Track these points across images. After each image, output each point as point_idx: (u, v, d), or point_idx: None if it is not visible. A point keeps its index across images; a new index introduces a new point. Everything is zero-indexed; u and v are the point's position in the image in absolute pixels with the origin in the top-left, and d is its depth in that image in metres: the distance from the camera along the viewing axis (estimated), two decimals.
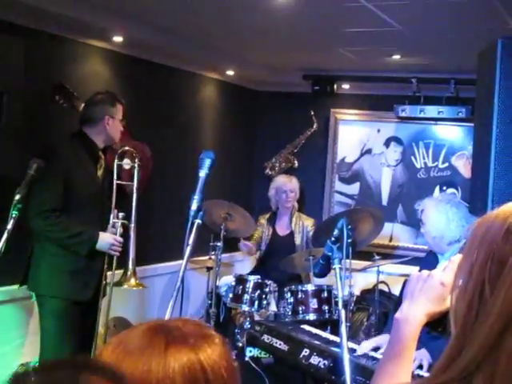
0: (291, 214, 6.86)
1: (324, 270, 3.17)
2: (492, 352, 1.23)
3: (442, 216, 4.20)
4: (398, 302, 5.15)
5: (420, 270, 4.47)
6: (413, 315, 1.57)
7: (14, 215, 3.39)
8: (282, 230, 6.85)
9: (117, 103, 4.47)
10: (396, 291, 6.41)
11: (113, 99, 4.48)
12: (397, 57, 6.16)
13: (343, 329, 2.64)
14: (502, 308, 1.23)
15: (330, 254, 3.00)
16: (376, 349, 4.13)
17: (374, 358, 4.04)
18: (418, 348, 3.94)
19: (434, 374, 1.32)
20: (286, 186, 6.81)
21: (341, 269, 2.86)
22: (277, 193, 6.85)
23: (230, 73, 7.03)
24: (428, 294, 1.57)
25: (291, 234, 6.78)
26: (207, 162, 3.15)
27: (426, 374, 3.71)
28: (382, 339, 4.26)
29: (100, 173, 4.40)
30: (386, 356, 1.63)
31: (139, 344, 1.28)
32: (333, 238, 3.04)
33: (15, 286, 4.50)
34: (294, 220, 6.83)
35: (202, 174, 3.13)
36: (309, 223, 6.83)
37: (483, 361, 1.23)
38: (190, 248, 2.97)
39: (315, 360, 4.13)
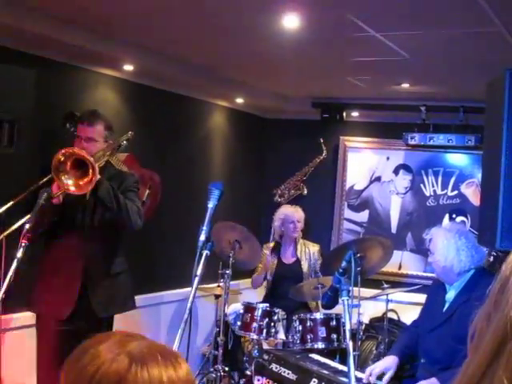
0: (295, 242, 6.86)
1: (332, 301, 3.17)
2: (488, 369, 1.22)
3: (452, 246, 4.17)
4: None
5: (428, 299, 4.47)
6: None
7: (23, 244, 3.41)
8: (287, 258, 6.84)
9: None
10: (405, 319, 6.38)
11: None
12: (406, 85, 6.18)
13: (351, 361, 2.63)
14: (498, 324, 1.23)
15: (337, 285, 3.00)
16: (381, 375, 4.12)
17: None
18: (428, 377, 3.92)
19: None
20: (293, 216, 6.81)
21: (348, 300, 2.85)
22: (283, 223, 6.84)
23: (240, 100, 7.06)
24: None
25: (297, 261, 6.77)
26: (216, 193, 3.16)
27: None
28: (387, 362, 4.24)
29: None
30: None
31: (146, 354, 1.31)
32: (340, 270, 3.04)
33: (27, 313, 4.52)
34: (299, 247, 6.83)
35: (211, 205, 3.14)
36: (315, 249, 6.83)
37: (481, 378, 1.23)
38: (198, 279, 2.97)
39: None
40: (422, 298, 4.93)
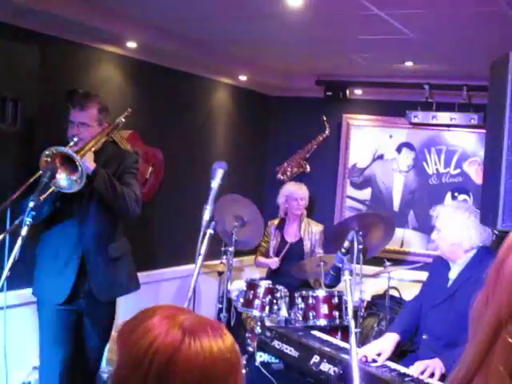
0: (300, 220, 6.88)
1: (334, 280, 3.19)
2: (485, 356, 1.24)
3: (462, 223, 4.17)
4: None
5: (430, 276, 4.47)
6: None
7: (28, 222, 3.42)
8: (290, 237, 6.86)
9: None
10: (407, 297, 6.41)
11: None
12: (409, 63, 6.17)
13: (353, 339, 2.66)
14: (494, 311, 1.26)
15: (340, 265, 3.02)
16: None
17: (384, 367, 4.06)
18: (432, 357, 3.95)
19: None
20: (297, 193, 6.82)
21: (351, 280, 2.87)
22: (287, 200, 6.85)
23: (243, 78, 7.05)
24: None
25: (300, 240, 6.79)
26: (220, 173, 3.16)
27: (436, 383, 3.72)
28: (384, 343, 4.27)
29: None
30: None
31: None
32: (343, 250, 3.05)
33: (28, 290, 4.56)
34: (303, 226, 6.84)
35: (215, 184, 3.14)
36: (318, 229, 6.84)
37: (479, 366, 1.25)
38: (202, 258, 2.99)
39: (325, 367, 4.14)
40: (423, 275, 4.95)
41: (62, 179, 3.85)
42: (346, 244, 3.02)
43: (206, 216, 3.05)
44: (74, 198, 4.15)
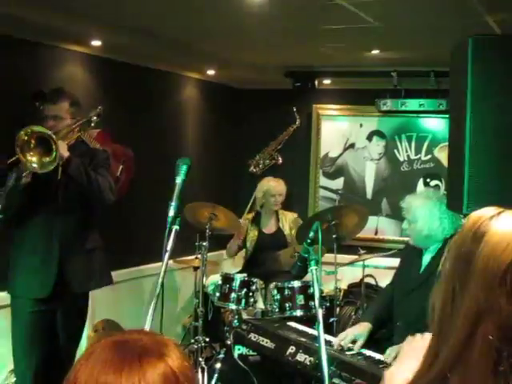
0: (276, 212, 6.90)
1: (301, 271, 3.21)
2: (463, 352, 1.25)
3: (434, 215, 4.16)
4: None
5: (402, 262, 4.47)
6: (399, 377, 1.53)
7: None
8: (268, 228, 6.87)
9: None
10: (383, 284, 6.45)
11: None
12: (376, 51, 6.18)
13: (320, 329, 2.67)
14: (469, 306, 1.26)
15: (306, 255, 3.03)
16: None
17: (359, 354, 4.09)
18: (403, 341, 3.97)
19: (418, 374, 1.34)
20: (275, 189, 6.81)
21: (317, 270, 2.89)
22: (265, 195, 6.85)
23: (211, 72, 7.03)
24: (419, 355, 1.47)
25: (279, 230, 6.81)
26: (183, 169, 3.17)
27: None
28: (358, 329, 4.30)
29: None
30: None
31: (113, 362, 1.31)
32: (308, 240, 3.07)
33: (1, 293, 4.54)
34: (281, 218, 6.87)
35: (179, 180, 3.16)
36: (293, 218, 6.87)
37: (456, 361, 1.26)
38: (169, 254, 3.00)
39: (301, 357, 4.17)
40: (398, 262, 4.98)
41: (34, 161, 3.91)
42: (311, 234, 3.03)
43: (171, 212, 3.06)
44: (48, 189, 4.21)
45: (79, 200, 4.35)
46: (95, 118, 4.56)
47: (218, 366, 5.69)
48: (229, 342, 5.34)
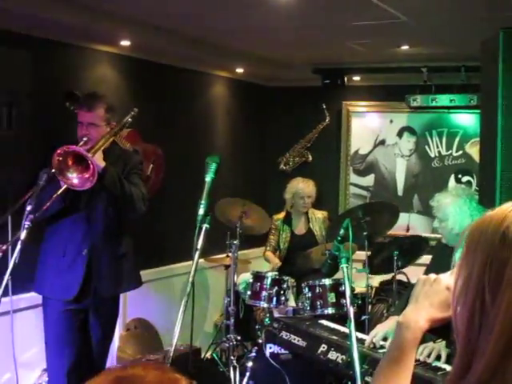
0: (306, 213, 6.86)
1: (332, 269, 3.19)
2: (500, 365, 1.20)
3: (465, 213, 4.10)
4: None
5: (434, 260, 4.41)
6: (414, 320, 1.49)
7: (26, 226, 3.43)
8: (299, 229, 6.84)
9: None
10: (414, 281, 6.40)
11: None
12: (405, 47, 6.15)
13: (352, 327, 2.65)
14: (505, 321, 1.20)
15: (337, 253, 3.02)
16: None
17: None
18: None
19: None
20: (303, 191, 6.76)
21: (347, 267, 2.87)
22: (294, 197, 6.81)
23: (240, 70, 7.03)
24: (432, 298, 1.49)
25: (309, 231, 6.78)
26: (213, 167, 3.16)
27: (444, 366, 3.71)
28: (388, 325, 4.25)
29: None
30: (385, 360, 1.54)
31: None
32: (339, 238, 3.05)
33: (33, 293, 4.57)
34: (311, 218, 6.83)
35: (208, 178, 3.15)
36: (324, 216, 6.84)
37: (493, 374, 1.21)
38: (199, 252, 3.00)
39: (333, 355, 4.14)
40: (429, 258, 4.93)
41: (75, 178, 3.92)
42: (342, 232, 3.01)
43: (201, 211, 3.07)
44: (81, 195, 4.21)
45: (112, 207, 4.34)
46: (130, 120, 4.54)
47: (250, 364, 5.69)
48: (260, 341, 5.34)
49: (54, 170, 3.79)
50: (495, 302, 1.22)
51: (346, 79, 7.32)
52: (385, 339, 4.13)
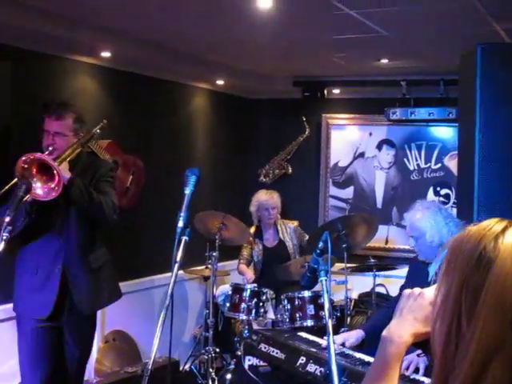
0: (275, 224, 6.83)
1: (311, 282, 3.19)
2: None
3: (439, 222, 4.10)
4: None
5: (408, 279, 4.42)
6: (398, 335, 1.50)
7: (4, 237, 3.38)
8: (269, 242, 6.81)
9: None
10: (394, 293, 6.43)
11: None
12: (385, 61, 6.19)
13: (331, 340, 2.66)
14: (479, 344, 1.20)
15: (315, 266, 3.02)
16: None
17: (368, 363, 4.06)
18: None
19: None
20: (267, 203, 6.72)
21: (326, 280, 2.87)
22: (258, 209, 6.79)
23: (220, 82, 7.04)
24: (417, 313, 1.49)
25: (280, 243, 6.75)
26: (192, 179, 3.15)
27: (423, 378, 3.72)
28: (349, 334, 4.33)
29: None
30: (369, 374, 1.55)
31: None
32: (318, 251, 3.05)
33: (7, 305, 4.53)
34: (280, 228, 6.80)
35: (188, 191, 3.14)
36: (294, 225, 6.81)
37: None
38: (178, 265, 2.99)
39: (312, 368, 4.14)
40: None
41: (38, 188, 3.81)
42: (320, 245, 3.02)
43: (180, 223, 3.06)
44: (52, 210, 4.10)
45: (84, 220, 4.23)
46: (98, 131, 4.46)
47: (229, 376, 5.69)
48: (239, 353, 5.34)
49: (15, 179, 3.69)
50: (471, 323, 1.22)
51: (325, 92, 7.36)
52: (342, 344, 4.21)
